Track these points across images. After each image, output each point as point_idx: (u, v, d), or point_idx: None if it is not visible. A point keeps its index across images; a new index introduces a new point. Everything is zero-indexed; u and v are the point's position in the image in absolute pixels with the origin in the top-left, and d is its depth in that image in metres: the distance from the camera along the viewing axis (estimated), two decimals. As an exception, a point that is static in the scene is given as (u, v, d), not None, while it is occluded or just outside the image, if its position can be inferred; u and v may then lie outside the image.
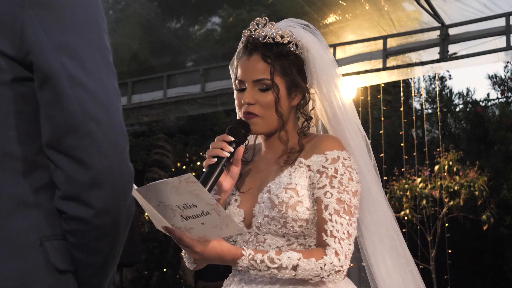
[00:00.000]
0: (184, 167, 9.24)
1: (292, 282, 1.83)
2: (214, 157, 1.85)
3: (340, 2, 5.17)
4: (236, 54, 2.03)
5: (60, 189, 1.18)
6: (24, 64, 1.17)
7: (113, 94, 1.20)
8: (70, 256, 1.22)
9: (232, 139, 1.87)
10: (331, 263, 1.77)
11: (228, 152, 1.85)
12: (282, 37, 1.93)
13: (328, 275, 1.78)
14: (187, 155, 9.38)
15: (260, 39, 1.93)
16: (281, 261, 1.76)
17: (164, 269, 8.70)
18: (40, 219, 1.19)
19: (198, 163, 9.10)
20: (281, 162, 1.94)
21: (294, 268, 1.76)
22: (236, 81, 1.98)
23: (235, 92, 2.01)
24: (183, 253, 2.01)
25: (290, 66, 1.92)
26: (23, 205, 1.18)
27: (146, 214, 9.03)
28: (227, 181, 1.90)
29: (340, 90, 1.98)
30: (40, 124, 1.18)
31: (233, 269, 1.95)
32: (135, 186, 1.66)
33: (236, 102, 1.98)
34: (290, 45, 1.93)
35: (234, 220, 1.72)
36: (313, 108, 2.00)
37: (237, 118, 2.01)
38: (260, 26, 1.96)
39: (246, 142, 2.02)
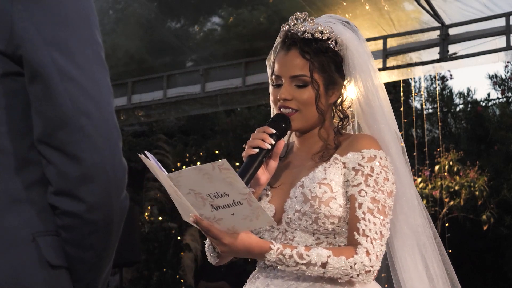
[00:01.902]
0: (184, 167, 9.24)
1: (319, 281, 1.79)
2: (255, 148, 1.81)
3: (340, 2, 5.17)
4: (273, 48, 1.97)
5: (52, 185, 1.18)
6: (14, 59, 1.17)
7: (105, 89, 1.19)
8: (64, 252, 1.22)
9: (274, 131, 1.84)
10: (361, 263, 1.73)
11: (270, 144, 1.81)
12: (321, 33, 1.88)
13: (358, 275, 1.74)
14: (187, 155, 9.38)
15: (299, 34, 1.89)
16: (310, 257, 1.72)
17: (164, 269, 8.69)
18: (32, 215, 1.19)
19: (198, 163, 9.09)
20: (316, 158, 1.90)
21: (323, 265, 1.72)
22: (273, 76, 1.93)
23: (271, 88, 1.96)
24: (206, 247, 1.96)
25: (328, 62, 1.88)
26: (15, 201, 1.18)
27: (146, 214, 9.04)
28: (264, 174, 1.86)
29: (377, 86, 1.95)
30: (32, 119, 1.18)
31: (258, 266, 1.92)
32: (166, 172, 1.64)
33: (271, 98, 1.93)
34: (329, 42, 1.89)
35: (266, 211, 1.68)
36: (349, 106, 1.96)
37: (275, 114, 1.96)
38: (299, 21, 1.93)
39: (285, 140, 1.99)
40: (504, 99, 8.82)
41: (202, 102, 6.26)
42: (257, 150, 1.80)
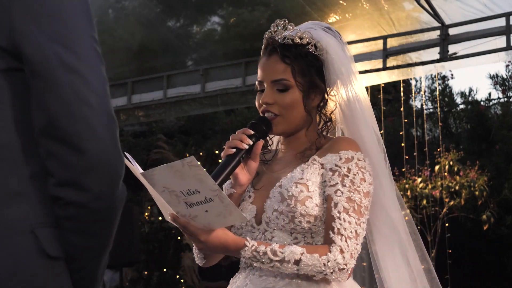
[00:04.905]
0: (184, 167, 9.22)
1: (296, 279, 1.82)
2: (232, 148, 1.86)
3: (340, 2, 5.17)
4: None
5: (54, 176, 1.19)
6: (14, 55, 1.19)
7: (104, 80, 1.22)
8: (62, 243, 1.23)
9: (252, 132, 1.89)
10: (334, 260, 1.76)
11: (247, 144, 1.87)
12: (301, 38, 1.94)
13: (332, 273, 1.76)
14: (187, 155, 9.37)
15: (279, 40, 1.95)
16: (283, 254, 1.75)
17: (164, 269, 8.69)
18: (31, 207, 1.20)
19: (198, 163, 9.09)
20: (296, 159, 1.95)
21: (297, 262, 1.75)
22: (256, 82, 2.00)
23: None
24: (193, 249, 2.00)
25: (308, 67, 1.94)
26: (15, 193, 1.19)
27: (146, 214, 9.03)
28: (243, 174, 1.91)
29: (357, 90, 1.99)
30: (32, 113, 1.19)
31: (240, 266, 1.96)
32: (140, 170, 1.67)
33: (256, 103, 1.99)
34: (309, 46, 1.94)
35: (237, 208, 1.72)
36: (333, 111, 2.00)
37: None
38: (280, 28, 1.98)
39: (270, 143, 2.05)
40: (505, 98, 8.83)
41: (202, 102, 6.26)
42: (234, 150, 1.86)
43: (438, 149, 7.13)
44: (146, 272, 8.75)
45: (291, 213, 1.83)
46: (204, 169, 1.62)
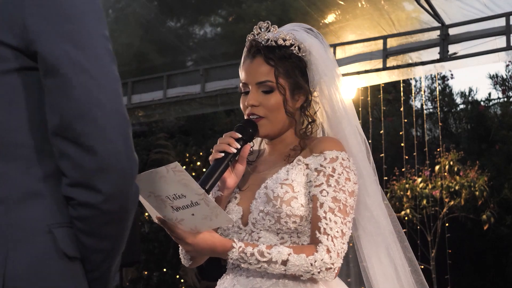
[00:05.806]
0: (184, 167, 9.21)
1: (283, 279, 1.84)
2: (221, 152, 1.88)
3: (340, 2, 5.17)
4: (242, 58, 2.04)
5: (67, 176, 1.19)
6: (28, 54, 1.19)
7: (115, 80, 1.22)
8: (78, 243, 1.23)
9: (240, 136, 1.91)
10: (321, 260, 1.78)
11: (235, 148, 1.88)
12: (284, 40, 1.95)
13: (319, 272, 1.78)
14: (187, 155, 9.38)
15: (262, 42, 1.96)
16: (271, 255, 1.77)
17: (164, 269, 8.69)
18: (48, 207, 1.21)
19: (198, 163, 9.09)
20: (281, 160, 1.97)
21: (284, 263, 1.77)
22: (240, 84, 2.00)
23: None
24: (180, 250, 2.02)
25: (293, 68, 1.95)
26: (31, 194, 1.20)
27: (146, 214, 9.03)
28: (231, 178, 1.93)
29: (341, 91, 2.01)
30: (46, 113, 1.20)
31: (227, 267, 1.97)
32: None
33: (241, 105, 2.00)
34: (292, 48, 1.95)
35: (223, 210, 1.75)
36: (316, 111, 2.02)
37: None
38: (263, 30, 1.99)
39: (252, 144, 2.05)
40: (505, 98, 8.83)
41: (202, 102, 6.26)
42: (222, 154, 1.88)
43: (438, 149, 7.13)
44: (146, 272, 8.75)
45: (277, 213, 1.84)
46: (188, 174, 1.65)
